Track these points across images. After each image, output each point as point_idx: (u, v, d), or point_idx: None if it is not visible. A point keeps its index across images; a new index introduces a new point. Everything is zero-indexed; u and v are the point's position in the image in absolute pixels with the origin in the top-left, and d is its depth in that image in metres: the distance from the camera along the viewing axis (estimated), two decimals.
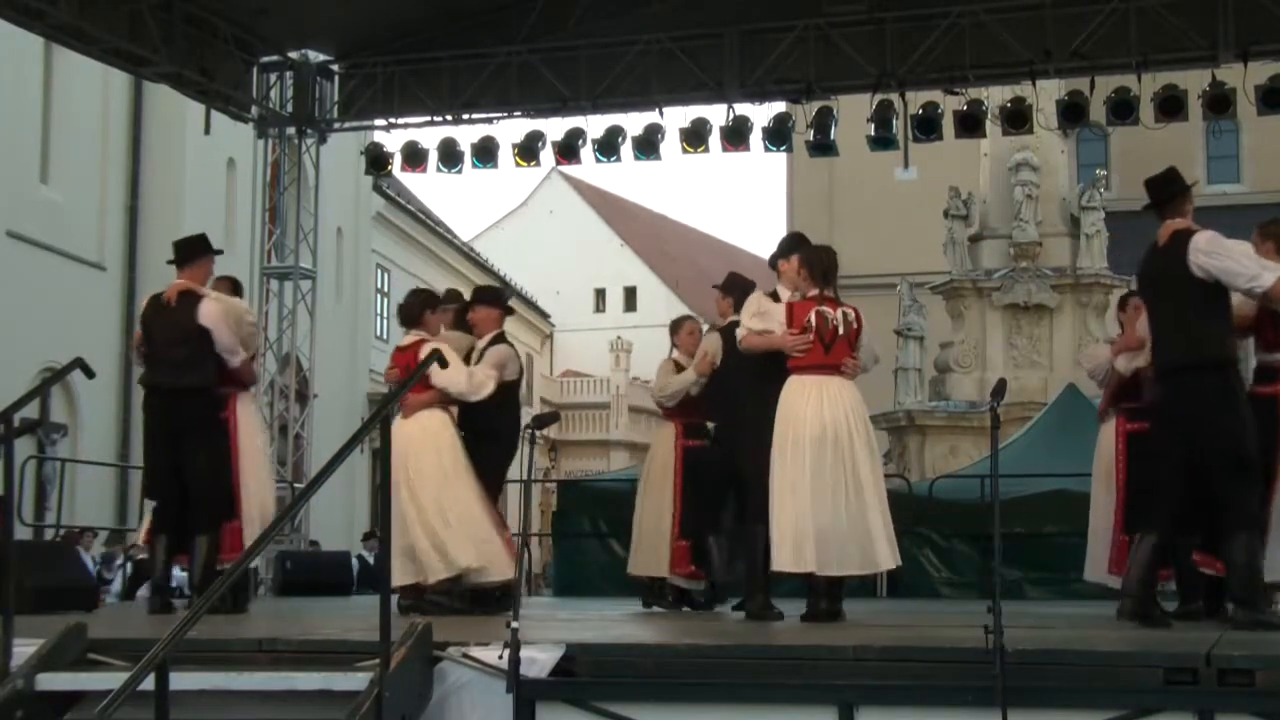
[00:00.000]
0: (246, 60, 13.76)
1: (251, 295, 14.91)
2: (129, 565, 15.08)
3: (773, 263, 8.11)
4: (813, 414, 7.33)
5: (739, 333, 7.83)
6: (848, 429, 7.34)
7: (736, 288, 9.44)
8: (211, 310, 8.36)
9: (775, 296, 7.87)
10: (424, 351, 7.97)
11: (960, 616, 7.29)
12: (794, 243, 8.11)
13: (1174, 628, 6.77)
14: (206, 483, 8.31)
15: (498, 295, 9.22)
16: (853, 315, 7.58)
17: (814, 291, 7.59)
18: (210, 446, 8.38)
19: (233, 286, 8.94)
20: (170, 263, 8.68)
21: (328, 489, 5.47)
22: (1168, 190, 7.05)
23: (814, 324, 7.46)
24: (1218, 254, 6.72)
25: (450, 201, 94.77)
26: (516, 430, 8.88)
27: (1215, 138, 30.63)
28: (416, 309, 8.56)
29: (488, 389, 8.37)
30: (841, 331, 7.50)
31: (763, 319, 7.68)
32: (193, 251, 8.60)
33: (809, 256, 7.75)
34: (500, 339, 8.77)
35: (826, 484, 7.24)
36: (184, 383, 8.29)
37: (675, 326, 9.93)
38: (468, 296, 9.41)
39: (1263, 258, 6.95)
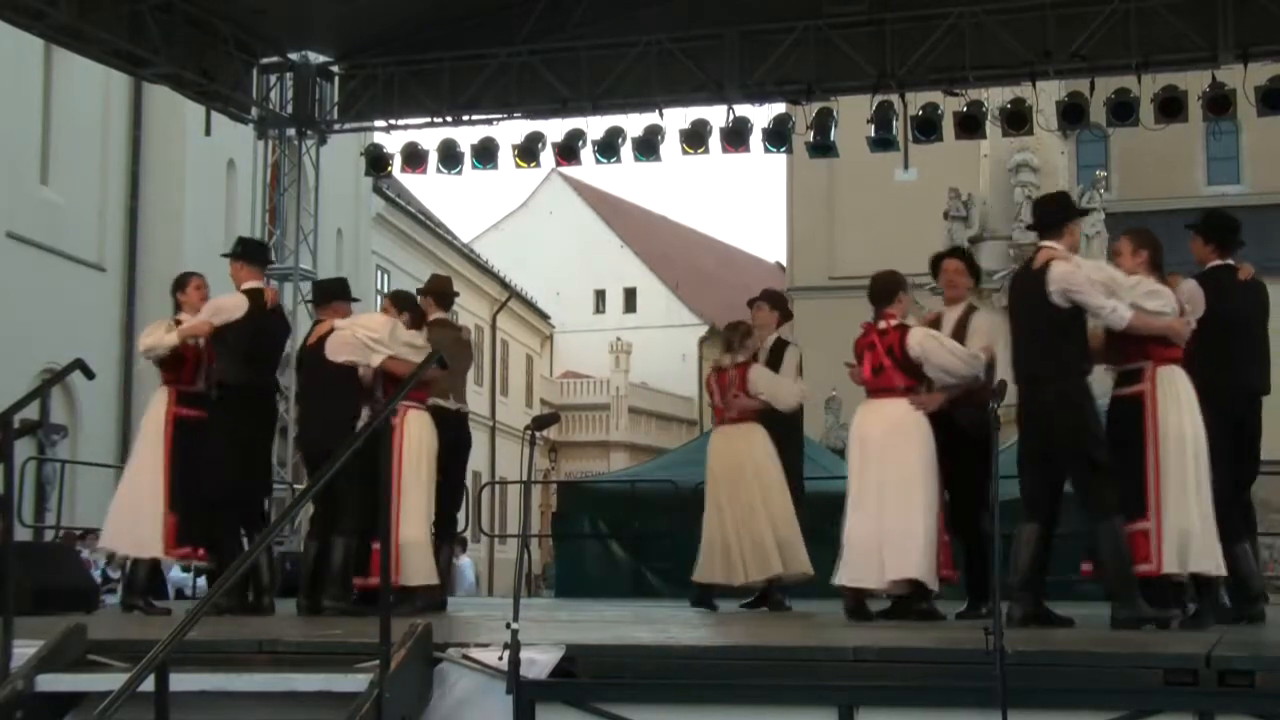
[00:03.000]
0: (246, 61, 13.77)
1: None
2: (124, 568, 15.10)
3: (1050, 226, 7.17)
4: (1193, 408, 6.93)
5: (1120, 311, 6.82)
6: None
7: (781, 300, 9.74)
8: None
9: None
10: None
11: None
12: (1073, 207, 7.52)
13: (1171, 629, 6.76)
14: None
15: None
16: None
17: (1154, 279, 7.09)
18: None
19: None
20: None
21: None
22: None
23: None
24: None
25: (450, 203, 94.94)
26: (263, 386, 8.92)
27: (1215, 139, 30.64)
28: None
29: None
30: None
31: (1158, 298, 6.96)
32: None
33: (1151, 240, 7.24)
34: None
35: (1206, 484, 6.91)
36: None
37: (747, 331, 9.76)
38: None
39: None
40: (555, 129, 13.92)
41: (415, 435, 8.49)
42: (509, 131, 14.05)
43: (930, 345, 7.83)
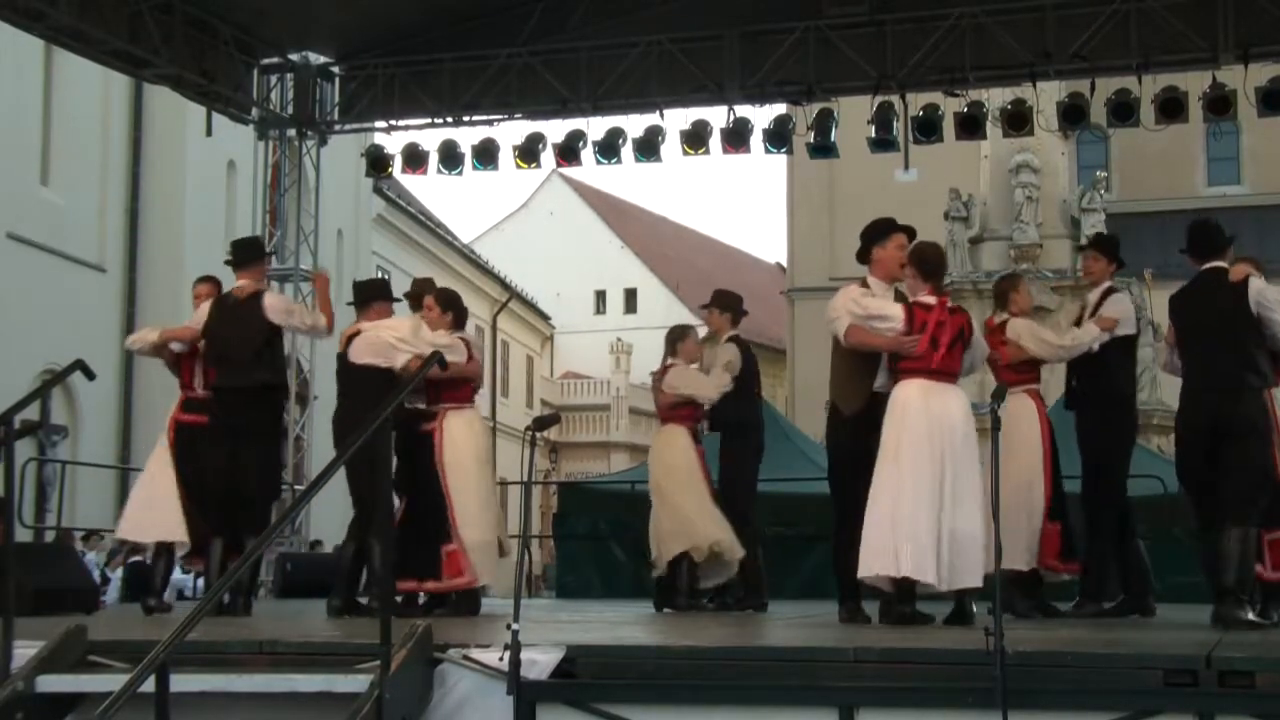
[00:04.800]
0: (247, 62, 13.76)
1: None
2: (122, 568, 15.13)
3: (1218, 248, 7.46)
4: None
5: None
6: None
7: (732, 302, 9.73)
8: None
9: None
10: None
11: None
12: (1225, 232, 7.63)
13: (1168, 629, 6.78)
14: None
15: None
16: None
17: None
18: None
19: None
20: (226, 263, 8.93)
21: (329, 490, 5.47)
22: None
23: None
24: None
25: (450, 203, 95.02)
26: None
27: (1215, 139, 30.64)
28: None
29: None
30: None
31: None
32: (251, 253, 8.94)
33: (1258, 264, 7.60)
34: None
35: None
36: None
37: (680, 334, 9.95)
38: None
39: None
40: (555, 130, 13.92)
41: (454, 437, 8.49)
42: (509, 132, 14.05)
43: (977, 338, 7.61)
